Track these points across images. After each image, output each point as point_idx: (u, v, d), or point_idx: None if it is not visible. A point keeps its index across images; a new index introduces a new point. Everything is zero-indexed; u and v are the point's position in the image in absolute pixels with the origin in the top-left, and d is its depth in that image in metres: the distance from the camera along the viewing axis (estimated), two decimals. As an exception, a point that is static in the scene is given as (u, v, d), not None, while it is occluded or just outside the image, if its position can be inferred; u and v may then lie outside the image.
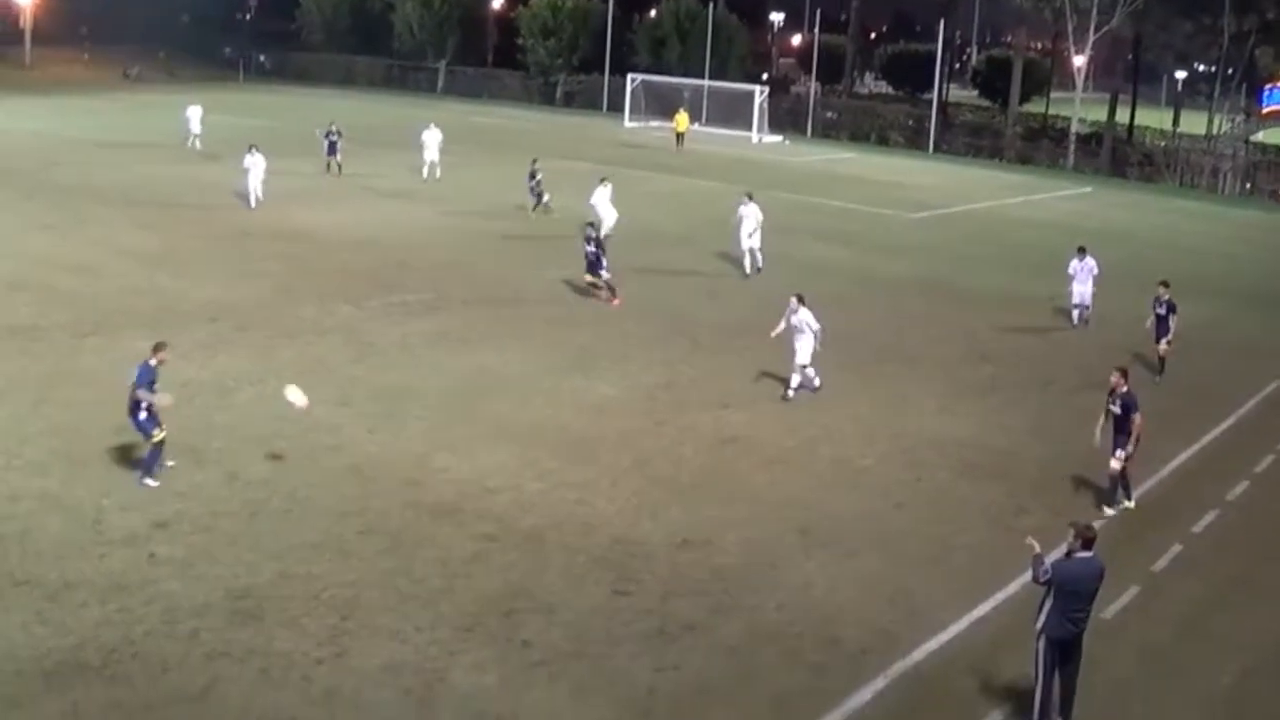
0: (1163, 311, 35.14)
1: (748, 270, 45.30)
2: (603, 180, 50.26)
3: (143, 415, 23.52)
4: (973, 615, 20.28)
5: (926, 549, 22.85)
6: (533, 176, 54.66)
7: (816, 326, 30.82)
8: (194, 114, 70.86)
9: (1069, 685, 17.06)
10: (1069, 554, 16.83)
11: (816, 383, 31.45)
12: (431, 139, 64.09)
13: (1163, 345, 35.09)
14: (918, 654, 18.99)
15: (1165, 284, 35.60)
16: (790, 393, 31.07)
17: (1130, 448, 24.83)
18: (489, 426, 27.58)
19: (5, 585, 19.18)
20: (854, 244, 52.65)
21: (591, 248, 39.40)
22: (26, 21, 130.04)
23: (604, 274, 39.40)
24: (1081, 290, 40.59)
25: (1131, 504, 25.34)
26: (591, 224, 40.73)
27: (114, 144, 71.28)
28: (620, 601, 19.95)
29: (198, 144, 69.29)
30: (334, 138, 63.59)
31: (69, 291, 36.00)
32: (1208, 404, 33.22)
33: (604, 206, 48.54)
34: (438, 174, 62.84)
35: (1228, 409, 32.97)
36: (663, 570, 21.15)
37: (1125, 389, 25.19)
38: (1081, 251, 40.66)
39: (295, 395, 25.88)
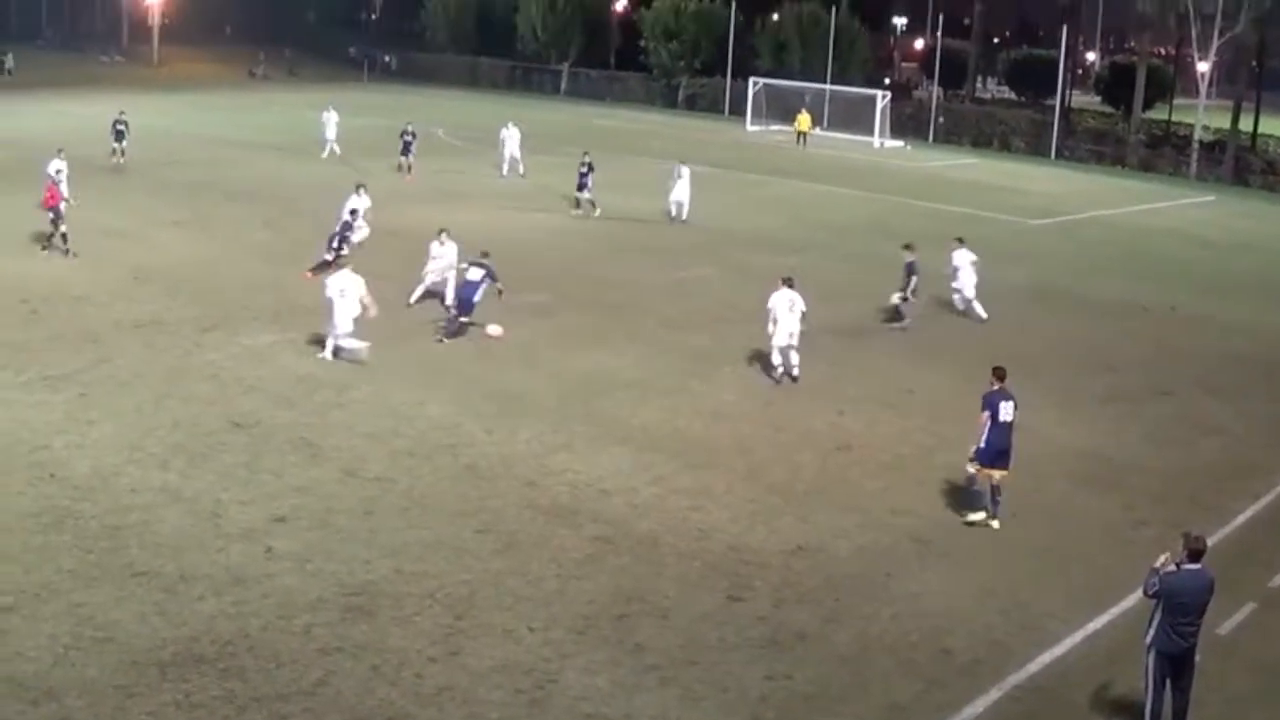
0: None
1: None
2: (681, 164, 55.10)
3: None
4: (1087, 629, 20.07)
5: (1042, 560, 22.64)
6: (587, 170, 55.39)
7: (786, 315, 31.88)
8: (329, 120, 68.54)
9: (1181, 701, 16.84)
10: (1177, 566, 16.63)
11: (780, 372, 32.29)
12: (511, 137, 64.37)
13: (895, 297, 38.07)
14: (1031, 666, 18.83)
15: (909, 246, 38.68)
16: (785, 377, 32.00)
17: (971, 448, 23.85)
18: (605, 429, 27.65)
19: (124, 576, 19.48)
20: (975, 250, 52.21)
21: (346, 219, 40.81)
22: (155, 20, 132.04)
23: (340, 251, 38.58)
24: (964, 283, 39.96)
25: (995, 524, 23.77)
26: (361, 185, 43.75)
27: (239, 142, 72.12)
28: (733, 608, 19.93)
29: (336, 149, 67.77)
30: (408, 138, 63.06)
31: (193, 286, 36.51)
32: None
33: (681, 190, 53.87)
34: (520, 170, 63.00)
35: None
36: (776, 578, 21.10)
37: (993, 388, 24.35)
38: (959, 241, 40.41)
39: (494, 329, 33.09)
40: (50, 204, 41.10)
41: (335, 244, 39.31)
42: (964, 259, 39.98)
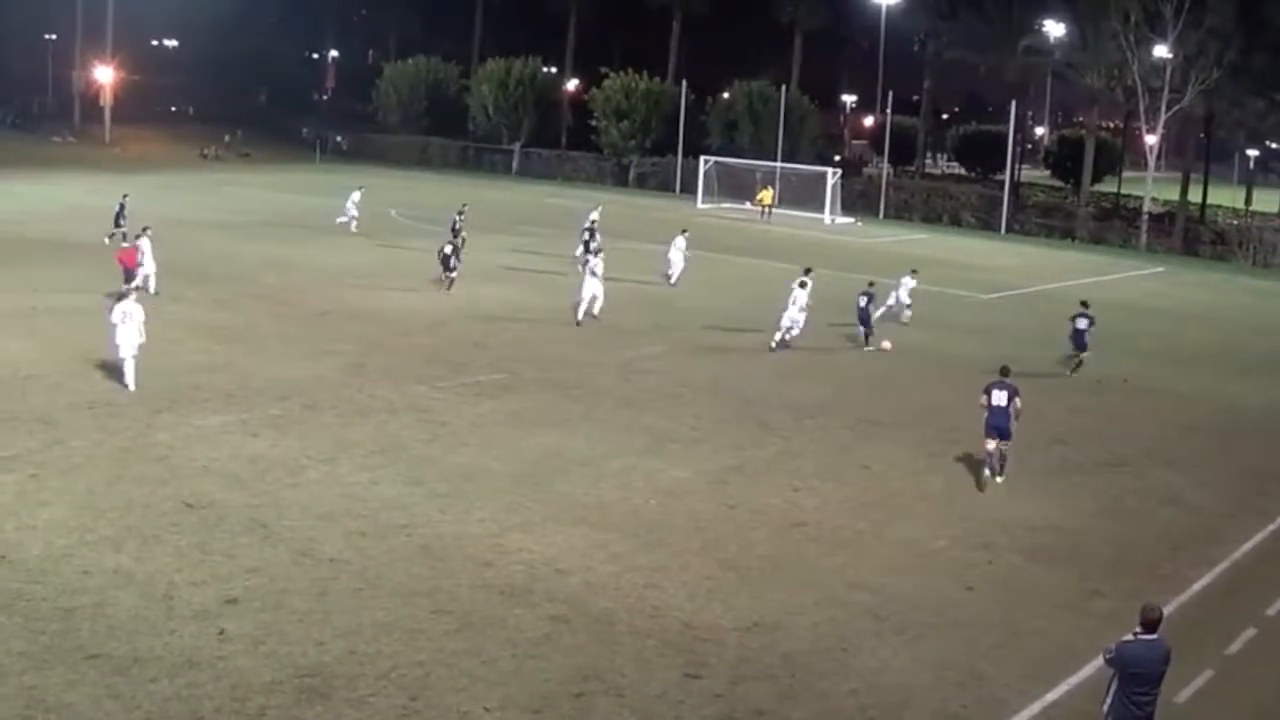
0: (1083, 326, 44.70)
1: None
2: (683, 231, 60.80)
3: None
4: (1045, 700, 20.06)
5: (998, 633, 22.64)
6: (592, 235, 59.93)
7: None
8: (354, 197, 71.88)
9: (1139, 770, 16.84)
10: (1134, 635, 16.65)
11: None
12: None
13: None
14: (989, 740, 18.82)
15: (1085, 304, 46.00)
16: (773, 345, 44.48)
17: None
18: (560, 508, 27.55)
19: (77, 659, 19.29)
20: (927, 325, 52.39)
21: (447, 250, 53.31)
22: (107, 100, 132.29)
23: (453, 274, 53.19)
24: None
25: (999, 480, 30.89)
26: (455, 239, 56.14)
27: (191, 222, 72.02)
28: (690, 686, 19.83)
29: (353, 226, 70.80)
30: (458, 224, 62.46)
31: (144, 367, 36.17)
32: (1282, 486, 32.95)
33: (675, 254, 58.68)
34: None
35: (1304, 492, 32.61)
36: (732, 655, 21.03)
37: (993, 380, 31.48)
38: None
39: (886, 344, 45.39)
40: (129, 265, 46.41)
41: (449, 264, 53.25)
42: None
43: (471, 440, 32.18)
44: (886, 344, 45.95)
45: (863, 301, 46.81)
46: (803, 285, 45.36)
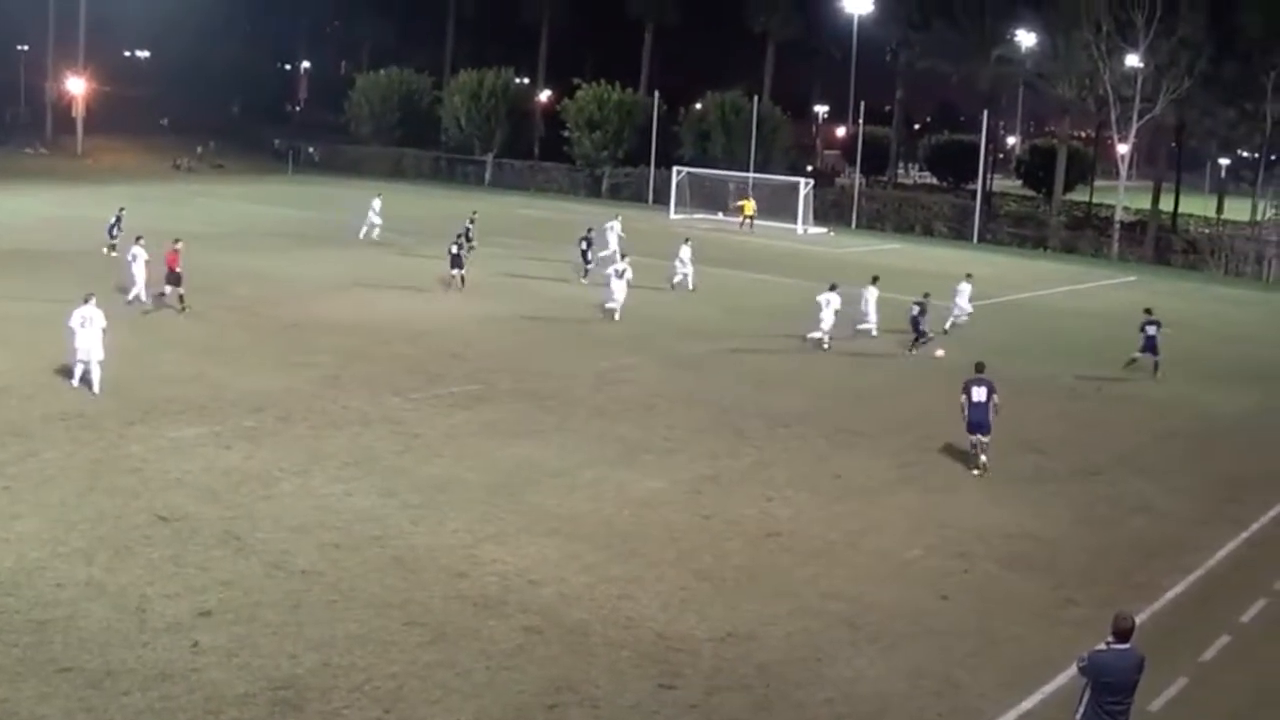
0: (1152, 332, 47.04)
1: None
2: (686, 240, 63.62)
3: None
4: (1020, 708, 20.08)
5: (973, 642, 22.65)
6: (587, 243, 62.28)
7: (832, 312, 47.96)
8: (375, 205, 75.12)
9: (1112, 778, 16.83)
10: (1107, 644, 16.64)
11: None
12: (612, 229, 67.43)
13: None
14: (965, 749, 18.80)
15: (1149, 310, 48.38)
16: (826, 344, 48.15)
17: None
18: (533, 519, 27.50)
19: (49, 672, 19.20)
20: (900, 336, 52.44)
21: (455, 249, 56.57)
22: (79, 111, 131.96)
23: (460, 271, 56.09)
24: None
25: (976, 472, 32.73)
26: (465, 234, 62.26)
27: (164, 233, 71.55)
28: (664, 696, 19.80)
29: (375, 234, 74.00)
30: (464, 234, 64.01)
31: (116, 378, 36.08)
32: (1256, 492, 32.95)
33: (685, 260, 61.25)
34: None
35: (1277, 497, 32.63)
36: (707, 665, 21.00)
37: (971, 377, 33.31)
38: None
39: (940, 352, 47.24)
40: (171, 266, 48.14)
41: (459, 261, 56.24)
42: None
43: (445, 451, 32.13)
44: (940, 352, 47.67)
45: (915, 310, 49.14)
46: (832, 287, 48.94)
